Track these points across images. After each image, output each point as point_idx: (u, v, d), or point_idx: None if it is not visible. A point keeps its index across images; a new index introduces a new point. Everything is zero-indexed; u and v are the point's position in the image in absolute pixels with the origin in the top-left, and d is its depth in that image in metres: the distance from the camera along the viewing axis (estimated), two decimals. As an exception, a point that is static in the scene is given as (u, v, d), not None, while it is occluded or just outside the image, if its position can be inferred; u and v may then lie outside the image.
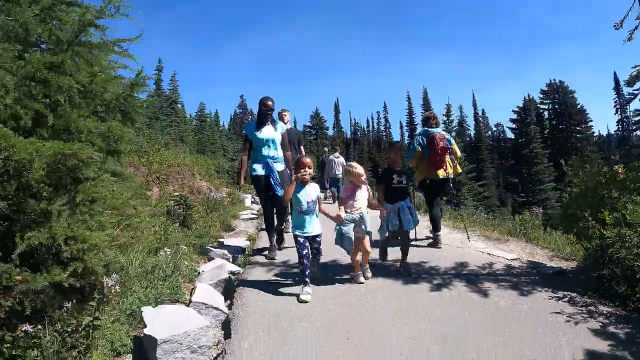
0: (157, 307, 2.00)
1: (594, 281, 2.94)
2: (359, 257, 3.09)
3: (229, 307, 2.56)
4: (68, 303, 1.64)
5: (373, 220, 3.15)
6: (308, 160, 3.00)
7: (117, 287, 1.68)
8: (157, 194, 5.83)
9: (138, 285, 2.32)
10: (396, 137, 55.51)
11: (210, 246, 4.13)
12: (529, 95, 37.22)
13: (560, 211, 3.87)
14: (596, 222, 2.89)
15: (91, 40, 2.03)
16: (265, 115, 3.86)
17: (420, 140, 4.29)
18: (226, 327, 2.19)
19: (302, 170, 2.89)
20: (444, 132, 4.40)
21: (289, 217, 4.71)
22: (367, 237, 3.09)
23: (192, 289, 2.60)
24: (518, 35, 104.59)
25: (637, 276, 2.65)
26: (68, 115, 1.99)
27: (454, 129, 20.03)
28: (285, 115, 4.92)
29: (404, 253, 3.38)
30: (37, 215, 1.60)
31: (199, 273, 3.12)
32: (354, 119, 63.02)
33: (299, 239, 2.87)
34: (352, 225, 3.03)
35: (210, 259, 3.71)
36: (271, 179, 3.80)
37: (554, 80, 36.56)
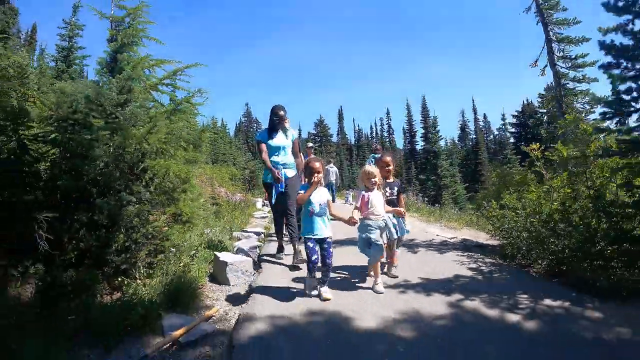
0: (221, 252, 3.65)
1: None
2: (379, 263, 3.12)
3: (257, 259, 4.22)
4: (185, 244, 3.31)
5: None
6: (317, 164, 3.03)
7: (210, 235, 3.33)
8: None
9: (205, 245, 3.97)
10: (399, 142, 57.12)
11: (238, 231, 5.79)
12: (527, 99, 38.54)
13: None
14: (491, 207, 4.48)
15: (183, 108, 3.73)
16: (276, 123, 4.03)
17: (371, 161, 6.59)
18: (257, 266, 3.84)
19: (317, 176, 2.96)
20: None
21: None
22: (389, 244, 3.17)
23: (235, 250, 4.24)
24: (522, 36, 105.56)
25: (513, 240, 4.23)
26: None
27: (440, 138, 22.03)
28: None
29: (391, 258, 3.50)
30: (169, 200, 3.26)
31: (236, 246, 4.77)
32: (358, 126, 64.94)
33: (308, 242, 2.90)
34: (379, 232, 3.07)
35: (239, 238, 5.36)
36: (279, 184, 3.88)
37: (552, 83, 37.76)
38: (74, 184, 2.96)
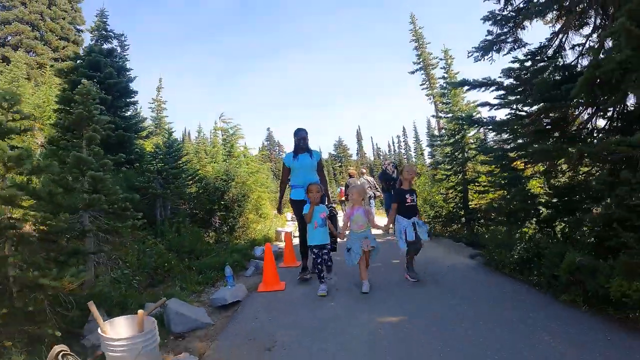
0: (278, 229, 8.70)
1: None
2: (362, 267, 3.63)
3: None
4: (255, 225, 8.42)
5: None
6: (310, 186, 3.71)
7: (274, 223, 8.39)
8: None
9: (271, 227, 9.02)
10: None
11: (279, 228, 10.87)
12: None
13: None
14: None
15: (260, 169, 8.84)
16: (299, 144, 4.31)
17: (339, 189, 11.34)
18: (294, 235, 8.86)
19: (310, 194, 3.66)
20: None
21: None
22: (369, 252, 3.61)
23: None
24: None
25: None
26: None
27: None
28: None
29: (412, 258, 3.89)
30: (257, 208, 8.39)
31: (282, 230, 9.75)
32: (376, 144, 68.68)
33: (314, 249, 3.62)
34: (359, 242, 3.61)
35: (280, 232, 10.36)
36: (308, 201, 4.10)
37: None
38: (226, 202, 8.15)
